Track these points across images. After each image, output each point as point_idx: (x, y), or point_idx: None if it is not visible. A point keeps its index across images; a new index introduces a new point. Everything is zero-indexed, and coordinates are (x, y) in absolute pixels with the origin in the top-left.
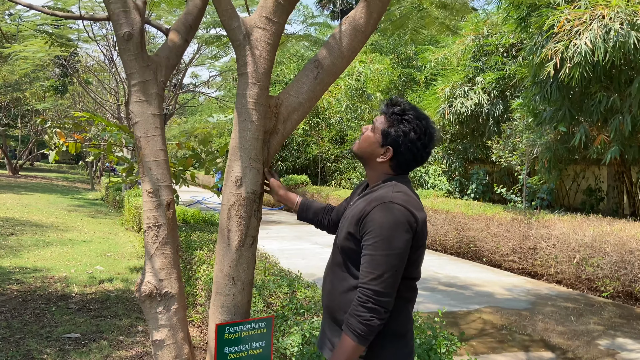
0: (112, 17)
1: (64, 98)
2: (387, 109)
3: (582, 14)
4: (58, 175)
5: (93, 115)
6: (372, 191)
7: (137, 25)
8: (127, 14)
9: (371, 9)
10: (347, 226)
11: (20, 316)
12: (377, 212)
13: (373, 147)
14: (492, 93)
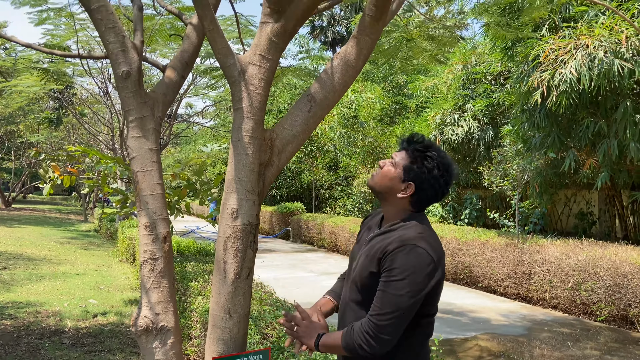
0: (110, 57)
1: (58, 130)
2: (409, 145)
3: (566, 43)
4: (51, 207)
5: (87, 148)
6: (391, 229)
7: (135, 63)
8: (126, 53)
9: (361, 46)
10: (368, 265)
11: (14, 352)
12: (400, 253)
13: (394, 183)
14: (482, 120)
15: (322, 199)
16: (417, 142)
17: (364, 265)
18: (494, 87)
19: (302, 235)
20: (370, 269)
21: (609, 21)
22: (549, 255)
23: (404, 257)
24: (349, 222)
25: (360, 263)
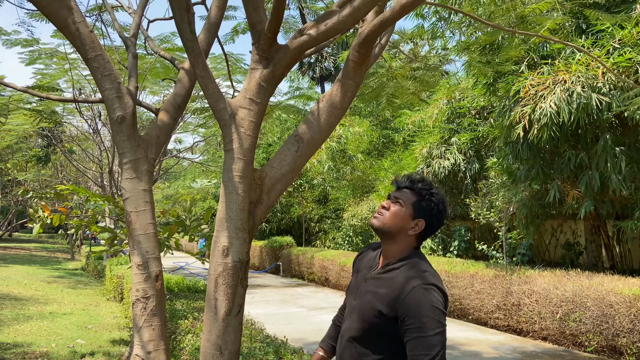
0: (106, 102)
1: (46, 168)
2: (413, 184)
3: (545, 79)
4: (37, 245)
5: (76, 187)
6: (396, 267)
7: (129, 108)
8: (121, 99)
9: (345, 89)
10: (377, 304)
11: None
12: (418, 294)
13: (405, 221)
14: (467, 153)
15: (312, 232)
16: (420, 181)
17: (371, 304)
18: (478, 120)
19: (292, 270)
20: (379, 308)
21: (584, 58)
22: (537, 286)
23: (423, 297)
24: (340, 255)
25: (366, 300)
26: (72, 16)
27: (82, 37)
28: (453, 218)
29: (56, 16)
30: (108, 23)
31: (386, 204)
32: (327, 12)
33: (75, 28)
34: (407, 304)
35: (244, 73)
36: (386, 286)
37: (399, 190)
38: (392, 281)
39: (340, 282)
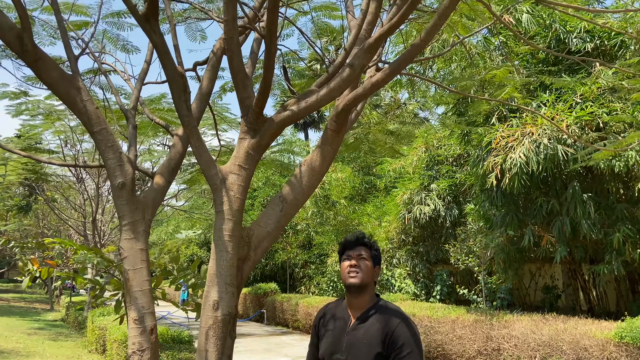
0: (108, 170)
1: (27, 217)
2: (364, 240)
3: (514, 131)
4: (15, 295)
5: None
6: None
7: (129, 175)
8: (122, 167)
9: (324, 154)
10: (373, 349)
11: None
12: (403, 327)
13: (372, 272)
14: (446, 199)
15: (297, 278)
16: (363, 236)
17: (368, 350)
18: (455, 168)
19: (276, 317)
20: (377, 350)
21: (549, 111)
22: (515, 331)
23: (408, 329)
24: (324, 301)
25: (360, 350)
26: (80, 95)
27: (88, 113)
28: (435, 262)
29: (66, 95)
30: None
31: (355, 263)
32: (308, 91)
33: (82, 105)
34: (398, 336)
35: (229, 122)
36: (373, 330)
37: (355, 247)
38: (376, 325)
39: None
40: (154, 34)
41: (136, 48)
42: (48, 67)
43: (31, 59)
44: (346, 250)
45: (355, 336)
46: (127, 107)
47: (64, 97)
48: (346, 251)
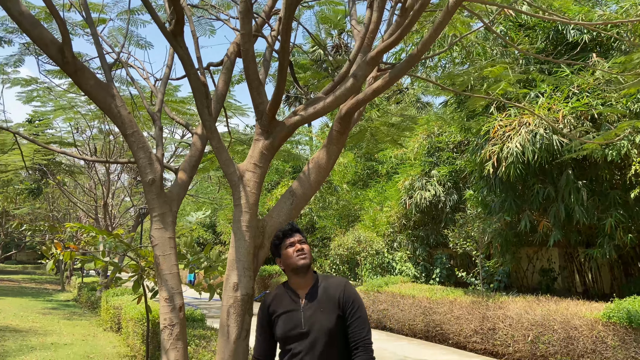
0: (140, 168)
1: (38, 200)
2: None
3: (511, 121)
4: (24, 277)
5: (82, 225)
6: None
7: (158, 172)
8: (152, 165)
9: (330, 153)
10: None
11: None
12: (350, 287)
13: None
14: (446, 184)
15: None
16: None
17: (328, 318)
18: (455, 154)
19: None
20: (335, 314)
21: (546, 102)
22: (510, 311)
23: (352, 289)
24: None
25: (322, 319)
26: (115, 102)
27: (122, 118)
28: (435, 246)
29: (102, 102)
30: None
31: (300, 247)
32: (316, 98)
33: (117, 111)
34: (349, 295)
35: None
36: (325, 300)
37: (292, 235)
38: (328, 292)
39: None
40: (180, 49)
41: (149, 44)
42: (86, 76)
43: (71, 70)
44: (285, 239)
45: (312, 309)
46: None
47: (100, 103)
48: (285, 240)
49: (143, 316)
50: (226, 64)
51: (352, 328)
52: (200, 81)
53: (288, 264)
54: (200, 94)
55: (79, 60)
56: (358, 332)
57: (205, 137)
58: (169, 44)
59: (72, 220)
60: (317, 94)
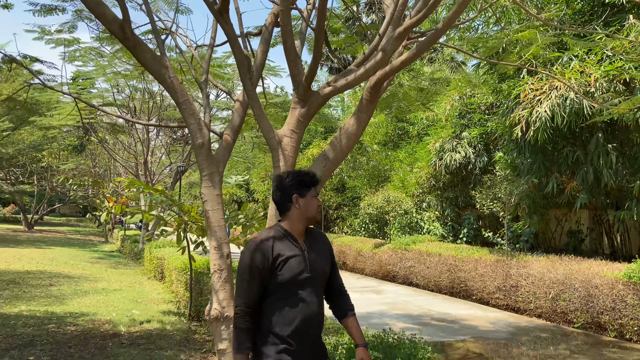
0: (191, 133)
1: (81, 156)
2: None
3: (542, 84)
4: (70, 229)
5: (133, 180)
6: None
7: (206, 137)
8: (201, 130)
9: (360, 120)
10: (327, 261)
11: (87, 349)
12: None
13: None
14: (477, 146)
15: (330, 219)
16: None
17: (326, 264)
18: (487, 116)
19: None
20: (329, 262)
21: (578, 65)
22: (533, 270)
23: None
24: (356, 241)
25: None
26: (168, 72)
27: (174, 87)
28: (463, 207)
29: (157, 73)
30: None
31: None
32: (347, 70)
33: (170, 81)
34: (331, 247)
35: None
36: (320, 248)
37: (316, 186)
38: (320, 242)
39: (357, 266)
40: (226, 25)
41: (188, 9)
42: (144, 50)
43: (131, 45)
44: (314, 188)
45: (313, 255)
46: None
47: (155, 74)
48: (314, 189)
49: (186, 266)
50: (264, 35)
51: (336, 275)
52: (243, 55)
53: (307, 212)
54: (243, 67)
55: (137, 36)
56: (339, 279)
57: (246, 104)
58: (217, 21)
59: (112, 177)
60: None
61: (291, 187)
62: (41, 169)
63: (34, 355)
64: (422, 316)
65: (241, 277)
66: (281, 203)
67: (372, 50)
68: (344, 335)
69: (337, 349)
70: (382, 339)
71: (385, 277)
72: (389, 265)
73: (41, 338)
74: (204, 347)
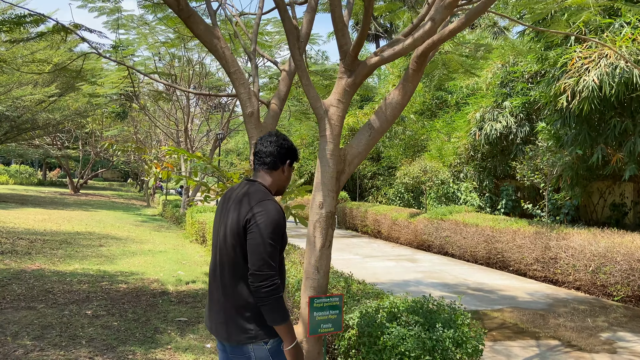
0: (241, 102)
1: (123, 123)
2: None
3: (591, 52)
4: (112, 193)
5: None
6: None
7: (255, 105)
8: (250, 100)
9: (405, 90)
10: None
11: (139, 305)
12: None
13: None
14: (518, 116)
15: (365, 188)
16: None
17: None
18: (530, 85)
19: (346, 222)
20: None
21: (629, 32)
22: (573, 242)
23: None
24: (391, 210)
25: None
26: (220, 43)
27: (226, 57)
28: (502, 178)
29: (210, 43)
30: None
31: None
32: (395, 40)
33: (222, 51)
34: None
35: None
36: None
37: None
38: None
39: (391, 235)
40: None
41: None
42: (197, 21)
43: (185, 16)
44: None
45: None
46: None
47: (208, 44)
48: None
49: None
50: (310, 3)
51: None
52: (293, 25)
53: (284, 183)
54: (292, 37)
55: (190, 7)
56: None
57: (292, 73)
58: None
59: (153, 143)
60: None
61: (290, 152)
62: (85, 134)
63: (91, 309)
64: (458, 285)
65: (274, 241)
66: (273, 161)
67: (421, 20)
68: (384, 300)
69: (378, 312)
70: (422, 304)
71: (420, 246)
72: (424, 235)
73: (96, 294)
74: None
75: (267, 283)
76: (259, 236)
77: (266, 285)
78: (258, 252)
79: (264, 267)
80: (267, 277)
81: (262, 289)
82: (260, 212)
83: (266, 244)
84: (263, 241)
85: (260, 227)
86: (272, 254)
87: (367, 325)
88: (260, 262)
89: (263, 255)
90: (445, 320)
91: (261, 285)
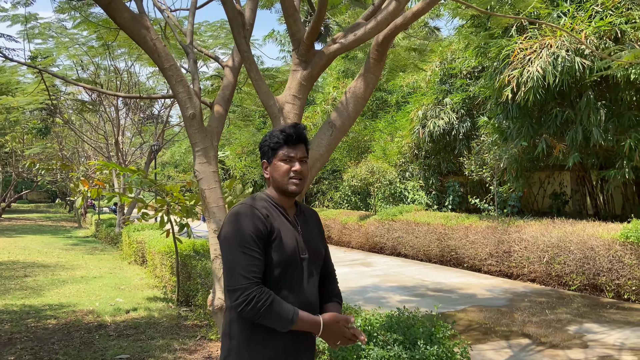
0: (179, 103)
1: (46, 139)
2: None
3: (532, 43)
4: (39, 215)
5: (107, 162)
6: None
7: (197, 107)
8: (191, 100)
9: (367, 81)
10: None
11: (72, 344)
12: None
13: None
14: (459, 112)
15: (310, 194)
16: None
17: (321, 245)
18: (469, 81)
19: None
20: (323, 241)
21: (568, 22)
22: (526, 235)
23: None
24: (340, 214)
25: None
26: (150, 34)
27: (158, 51)
28: (447, 174)
29: (137, 35)
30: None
31: (299, 168)
32: (355, 24)
33: (152, 44)
34: (322, 226)
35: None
36: (313, 226)
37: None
38: (311, 218)
39: (342, 239)
40: None
41: None
42: (120, 8)
43: (105, 2)
44: (284, 147)
45: (307, 233)
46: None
47: (135, 36)
48: (286, 147)
49: (170, 249)
50: None
51: (329, 259)
52: (237, 10)
53: (274, 182)
54: (237, 24)
55: None
56: (332, 264)
57: (237, 69)
58: None
59: (81, 160)
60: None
61: (262, 150)
62: (5, 154)
63: (14, 354)
64: (417, 287)
65: (241, 248)
66: (262, 162)
67: (382, 1)
68: (355, 317)
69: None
70: (397, 318)
71: (373, 249)
72: (375, 237)
73: (20, 335)
74: (196, 333)
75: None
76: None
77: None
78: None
79: (230, 280)
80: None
81: (241, 308)
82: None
83: (227, 254)
84: (224, 252)
85: (220, 240)
86: (240, 262)
87: (340, 349)
88: (227, 276)
89: (226, 268)
90: (426, 336)
91: (237, 304)
